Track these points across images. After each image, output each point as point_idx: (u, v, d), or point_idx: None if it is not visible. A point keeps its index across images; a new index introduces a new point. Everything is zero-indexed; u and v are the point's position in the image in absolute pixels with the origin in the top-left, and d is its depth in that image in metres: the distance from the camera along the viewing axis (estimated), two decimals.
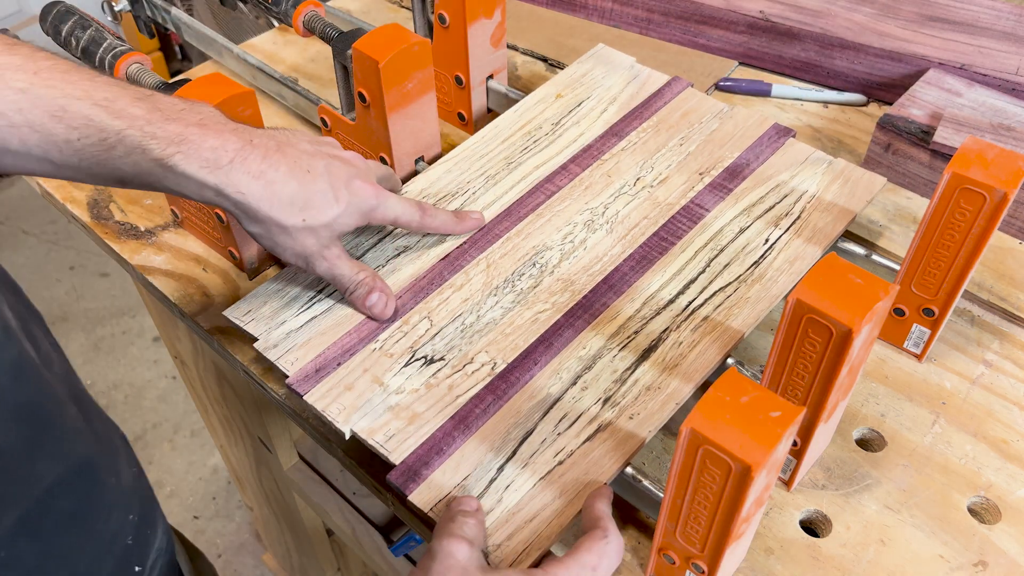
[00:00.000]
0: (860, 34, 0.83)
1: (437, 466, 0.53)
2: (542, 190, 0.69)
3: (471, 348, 0.59)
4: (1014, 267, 0.69)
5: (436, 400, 0.56)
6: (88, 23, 0.74)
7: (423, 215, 0.62)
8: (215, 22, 1.94)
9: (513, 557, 0.49)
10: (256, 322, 0.60)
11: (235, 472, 1.22)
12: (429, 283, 0.63)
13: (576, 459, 0.53)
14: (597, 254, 0.64)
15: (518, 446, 0.54)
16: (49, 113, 0.47)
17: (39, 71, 0.47)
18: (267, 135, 0.55)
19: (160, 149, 0.50)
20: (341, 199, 0.56)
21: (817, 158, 0.71)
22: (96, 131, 0.48)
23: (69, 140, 0.48)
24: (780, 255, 0.64)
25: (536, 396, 0.56)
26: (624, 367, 0.57)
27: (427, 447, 0.54)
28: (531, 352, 0.58)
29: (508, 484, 0.52)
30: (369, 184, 0.58)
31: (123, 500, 0.51)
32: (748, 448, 0.40)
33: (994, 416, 0.60)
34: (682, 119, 0.75)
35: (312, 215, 0.55)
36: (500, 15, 0.77)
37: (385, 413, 0.55)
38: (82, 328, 1.95)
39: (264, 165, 0.53)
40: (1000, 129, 0.73)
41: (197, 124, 0.51)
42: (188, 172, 0.51)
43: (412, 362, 0.58)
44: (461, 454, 0.53)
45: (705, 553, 0.47)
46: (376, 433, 0.54)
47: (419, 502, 0.51)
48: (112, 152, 0.49)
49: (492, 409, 0.55)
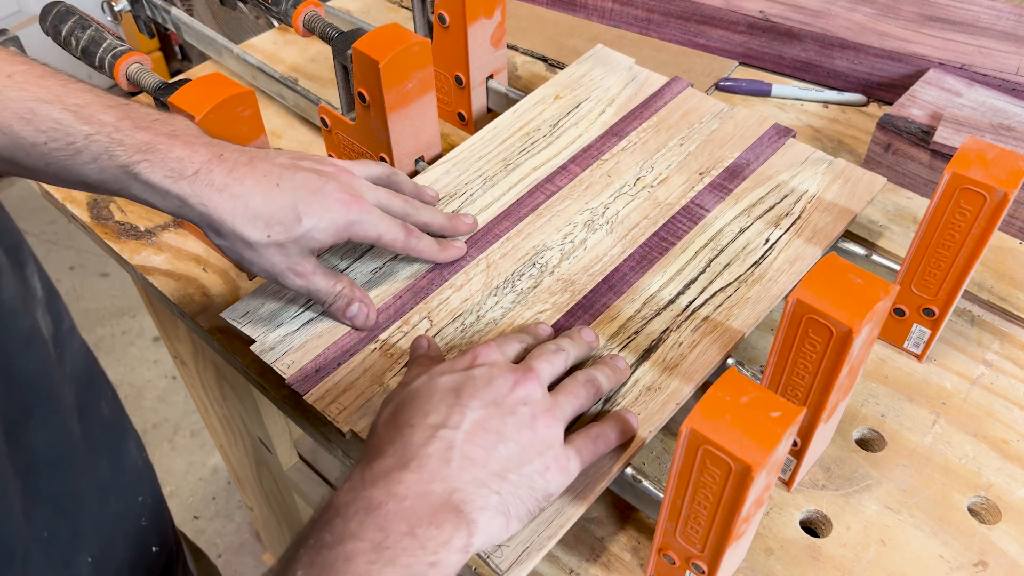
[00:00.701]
0: (860, 34, 0.83)
1: None
2: (542, 190, 0.69)
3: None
4: (1014, 267, 0.69)
5: None
6: (88, 23, 0.74)
7: (407, 236, 0.58)
8: (215, 22, 1.94)
9: (514, 558, 0.49)
10: (253, 324, 0.60)
11: (235, 472, 1.22)
12: (429, 283, 0.63)
13: None
14: (597, 254, 0.64)
15: None
16: (18, 116, 0.47)
17: (12, 75, 0.48)
18: (241, 150, 0.53)
19: (126, 156, 0.49)
20: (311, 214, 0.53)
21: (817, 158, 0.71)
22: (64, 135, 0.48)
23: (36, 143, 0.48)
24: (780, 255, 0.64)
25: None
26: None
27: None
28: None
29: None
30: (348, 197, 0.55)
31: (132, 479, 0.52)
32: (748, 448, 0.40)
33: (994, 416, 0.60)
34: (682, 119, 0.75)
35: (278, 231, 0.52)
36: (500, 15, 0.77)
37: None
38: (82, 328, 1.94)
39: (229, 178, 0.51)
40: (1000, 129, 0.73)
41: (167, 135, 0.51)
42: (152, 181, 0.50)
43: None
44: None
45: (705, 553, 0.47)
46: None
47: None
48: (78, 157, 0.49)
49: None
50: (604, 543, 0.55)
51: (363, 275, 0.63)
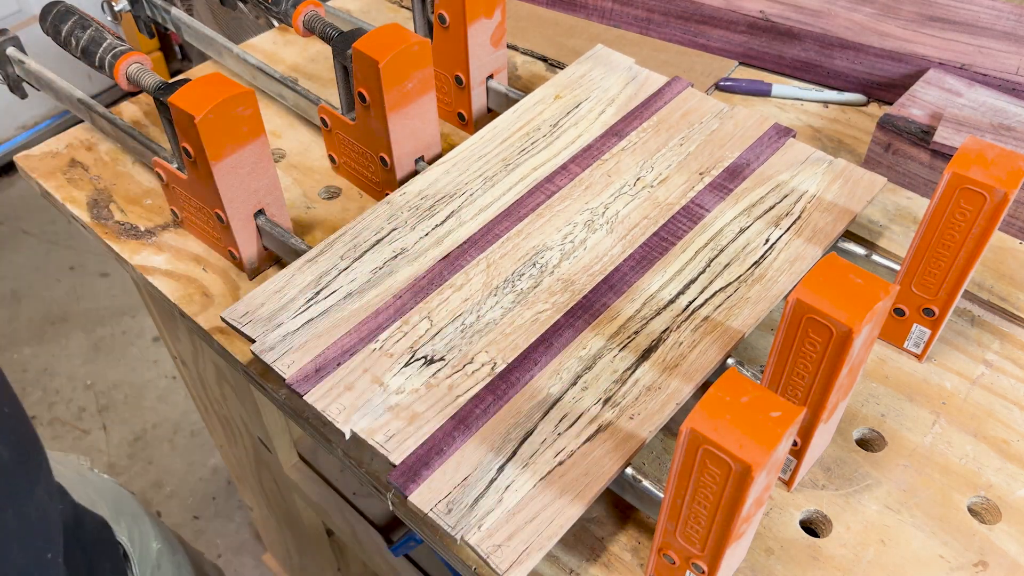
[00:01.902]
0: (860, 34, 0.83)
1: (437, 466, 0.53)
2: (542, 190, 0.69)
3: (471, 348, 0.59)
4: (1014, 267, 0.69)
5: (436, 400, 0.56)
6: (88, 23, 0.74)
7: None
8: (215, 22, 1.94)
9: (513, 558, 0.49)
10: (253, 324, 0.60)
11: (235, 472, 1.22)
12: (429, 283, 0.63)
13: (576, 459, 0.53)
14: (597, 254, 0.64)
15: (518, 446, 0.54)
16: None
17: None
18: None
19: None
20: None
21: (817, 158, 0.71)
22: None
23: None
24: (780, 255, 0.64)
25: (536, 396, 0.56)
26: (624, 367, 0.57)
27: (427, 447, 0.53)
28: (531, 352, 0.58)
29: (508, 484, 0.52)
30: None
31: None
32: (748, 448, 0.40)
33: (994, 416, 0.60)
34: (682, 119, 0.75)
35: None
36: (500, 15, 0.77)
37: (385, 413, 0.55)
38: (82, 328, 1.95)
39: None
40: (1000, 129, 0.73)
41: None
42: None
43: (412, 362, 0.58)
44: (461, 454, 0.53)
45: (705, 553, 0.47)
46: (376, 433, 0.54)
47: (419, 502, 0.51)
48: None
49: (492, 409, 0.55)
50: (604, 543, 0.55)
51: (363, 275, 0.63)
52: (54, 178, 0.80)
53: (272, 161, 0.67)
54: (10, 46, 0.80)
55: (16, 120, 2.25)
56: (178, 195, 0.70)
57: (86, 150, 0.82)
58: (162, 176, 0.70)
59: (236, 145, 0.63)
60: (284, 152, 0.81)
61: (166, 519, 1.59)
